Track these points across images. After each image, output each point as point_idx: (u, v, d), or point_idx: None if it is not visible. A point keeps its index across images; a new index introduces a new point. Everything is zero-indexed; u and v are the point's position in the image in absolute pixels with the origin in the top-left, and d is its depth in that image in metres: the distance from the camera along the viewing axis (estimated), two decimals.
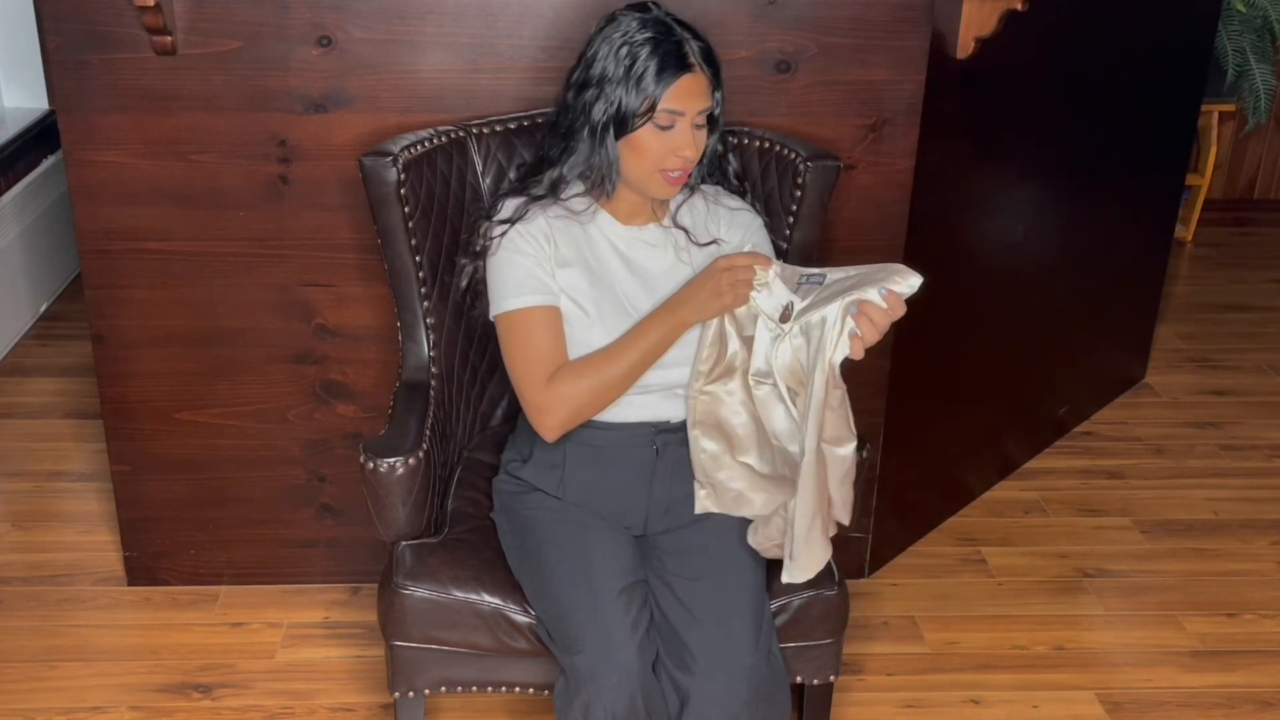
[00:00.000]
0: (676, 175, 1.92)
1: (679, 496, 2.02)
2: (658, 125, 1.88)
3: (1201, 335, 4.00)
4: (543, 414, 1.96)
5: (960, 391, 2.89)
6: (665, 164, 1.91)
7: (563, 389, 1.94)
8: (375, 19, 2.24)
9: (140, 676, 2.43)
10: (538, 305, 1.95)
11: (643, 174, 1.92)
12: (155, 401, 2.51)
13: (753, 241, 2.05)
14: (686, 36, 1.89)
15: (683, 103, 1.88)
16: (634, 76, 1.87)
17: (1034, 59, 2.64)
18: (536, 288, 1.95)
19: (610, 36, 1.90)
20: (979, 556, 2.86)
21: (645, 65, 1.86)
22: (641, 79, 1.86)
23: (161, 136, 2.31)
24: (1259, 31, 4.47)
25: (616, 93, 1.88)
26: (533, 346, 1.95)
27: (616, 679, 1.83)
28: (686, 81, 1.87)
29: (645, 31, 1.88)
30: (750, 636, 1.88)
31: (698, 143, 1.92)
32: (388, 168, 2.05)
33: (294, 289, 2.43)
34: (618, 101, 1.88)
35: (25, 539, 2.85)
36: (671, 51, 1.87)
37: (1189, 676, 2.50)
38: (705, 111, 1.91)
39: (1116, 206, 3.21)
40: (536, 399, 1.95)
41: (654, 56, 1.86)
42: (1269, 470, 3.25)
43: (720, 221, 2.05)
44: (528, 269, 1.95)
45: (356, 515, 2.58)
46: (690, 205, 2.05)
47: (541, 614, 1.95)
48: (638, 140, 1.89)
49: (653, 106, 1.87)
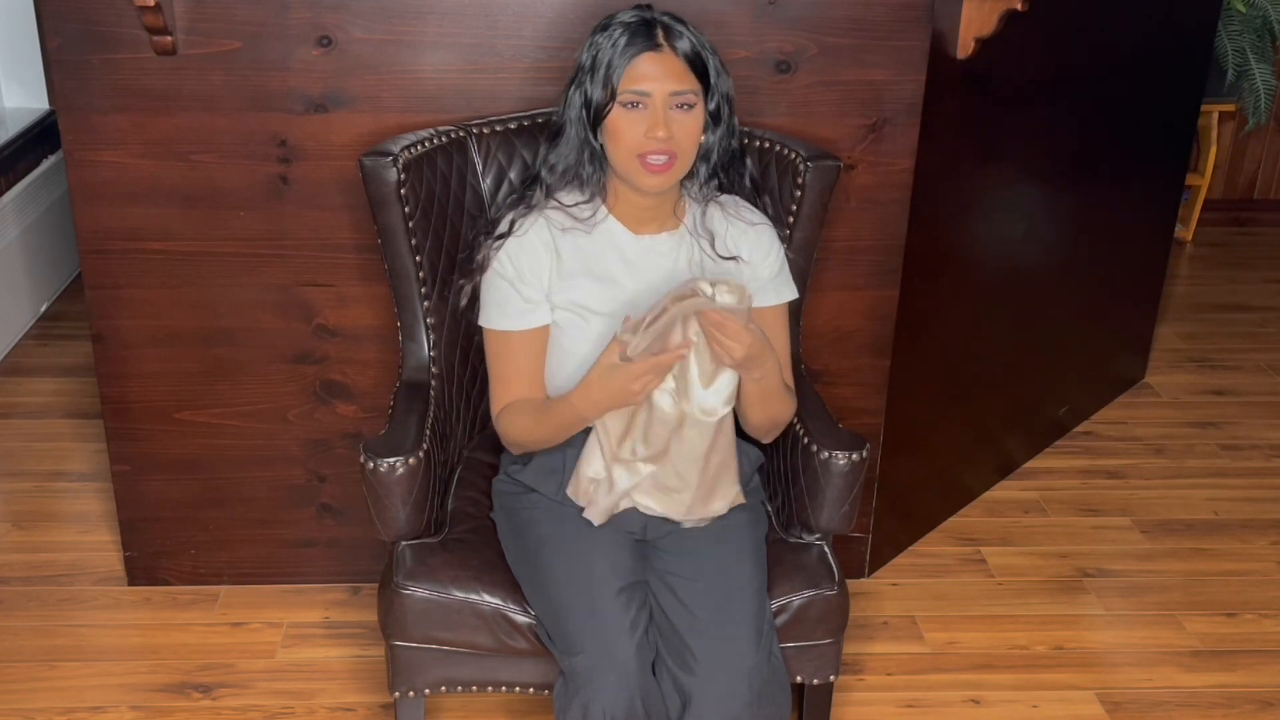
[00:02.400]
0: (656, 162, 1.87)
1: None
2: (625, 105, 1.86)
3: (1201, 335, 4.00)
4: (498, 432, 2.04)
5: (960, 391, 2.89)
6: (641, 147, 1.87)
7: (506, 421, 2.00)
8: (375, 19, 2.24)
9: (140, 676, 2.43)
10: (512, 330, 1.97)
11: (624, 161, 1.90)
12: (155, 401, 2.51)
13: (770, 266, 2.02)
14: (664, 22, 1.88)
15: (647, 81, 1.85)
16: (601, 61, 1.87)
17: (1034, 59, 2.64)
18: (515, 313, 1.96)
19: (596, 35, 1.91)
20: (979, 556, 2.86)
21: (613, 49, 1.86)
22: (609, 61, 1.86)
23: (161, 136, 2.31)
24: (1259, 31, 4.47)
25: (587, 80, 1.89)
26: (500, 367, 2.00)
27: (615, 680, 1.83)
28: (649, 59, 1.85)
29: (625, 22, 1.88)
30: (751, 637, 1.88)
31: (674, 126, 1.87)
32: (388, 168, 2.05)
33: (294, 289, 2.43)
34: (589, 88, 1.89)
35: (25, 539, 2.85)
36: (639, 31, 1.86)
37: (1189, 676, 2.50)
38: (679, 94, 1.86)
39: (1116, 206, 3.21)
40: (493, 417, 2.03)
41: (622, 38, 1.86)
42: (1269, 470, 3.25)
43: (741, 237, 2.01)
44: (508, 292, 1.96)
45: (356, 515, 2.58)
46: (707, 215, 2.01)
47: (540, 614, 1.95)
48: (611, 124, 1.88)
49: (614, 84, 1.85)
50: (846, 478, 2.01)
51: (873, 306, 2.50)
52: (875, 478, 2.63)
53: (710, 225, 2.01)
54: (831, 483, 2.01)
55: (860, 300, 2.49)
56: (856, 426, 2.49)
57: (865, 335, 2.52)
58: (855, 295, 2.48)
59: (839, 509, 2.04)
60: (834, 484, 2.01)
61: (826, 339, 2.50)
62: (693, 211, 2.01)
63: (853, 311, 2.48)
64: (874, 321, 2.50)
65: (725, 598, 1.90)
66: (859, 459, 2.00)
